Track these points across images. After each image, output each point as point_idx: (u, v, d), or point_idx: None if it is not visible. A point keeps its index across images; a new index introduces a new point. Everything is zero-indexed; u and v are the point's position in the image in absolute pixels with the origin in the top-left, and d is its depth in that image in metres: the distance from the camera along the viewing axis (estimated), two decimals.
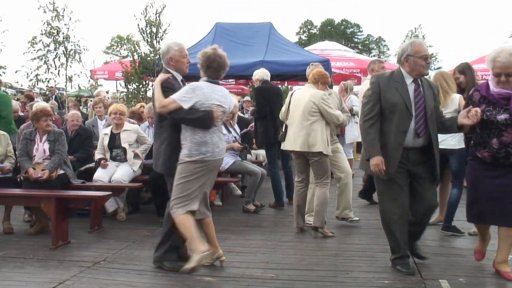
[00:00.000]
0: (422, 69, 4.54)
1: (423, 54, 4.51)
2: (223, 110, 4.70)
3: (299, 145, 6.03)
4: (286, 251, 5.47)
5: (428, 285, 4.37)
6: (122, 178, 6.84)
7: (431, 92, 4.62)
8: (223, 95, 4.77)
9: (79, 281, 4.54)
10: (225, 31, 14.00)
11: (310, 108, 6.01)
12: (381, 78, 4.69)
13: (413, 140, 4.55)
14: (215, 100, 4.62)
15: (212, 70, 4.73)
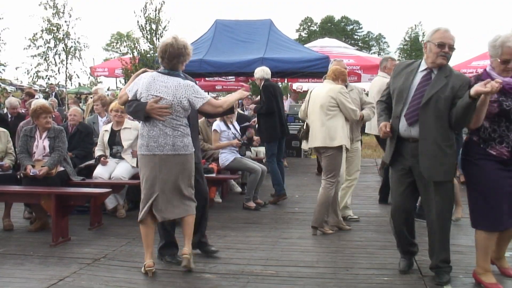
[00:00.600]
0: (435, 56, 4.19)
1: (439, 41, 4.17)
2: (165, 102, 4.47)
3: (320, 140, 5.96)
4: (286, 248, 5.47)
5: (427, 282, 4.37)
6: (122, 175, 6.84)
7: (444, 82, 4.16)
8: (167, 86, 4.51)
9: (79, 278, 4.54)
10: (225, 28, 13.98)
11: (328, 103, 5.94)
12: (399, 65, 4.62)
13: (407, 129, 4.31)
14: (154, 91, 4.48)
15: (165, 61, 4.57)
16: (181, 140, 4.56)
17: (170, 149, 4.51)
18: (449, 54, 4.23)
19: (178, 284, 4.39)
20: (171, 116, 4.52)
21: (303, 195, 8.59)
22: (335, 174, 5.95)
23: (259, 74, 8.12)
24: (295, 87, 25.59)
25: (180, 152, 4.54)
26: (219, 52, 12.82)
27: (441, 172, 4.24)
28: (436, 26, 4.35)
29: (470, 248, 5.22)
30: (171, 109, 4.49)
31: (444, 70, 4.25)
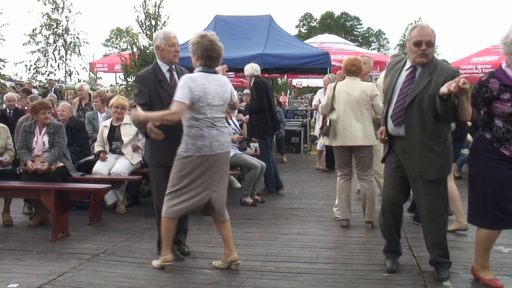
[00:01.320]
0: (413, 56, 4.17)
1: (415, 40, 4.14)
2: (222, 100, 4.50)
3: (360, 139, 5.97)
4: (285, 244, 5.48)
5: (427, 278, 4.38)
6: (121, 171, 6.84)
7: (427, 80, 4.13)
8: (220, 84, 4.52)
9: (79, 273, 4.55)
10: (224, 23, 13.98)
11: (364, 101, 6.02)
12: (390, 63, 4.63)
13: (395, 129, 4.33)
14: (212, 91, 4.40)
15: (210, 60, 4.49)
16: (227, 137, 4.70)
17: (227, 146, 4.62)
18: (427, 51, 4.15)
19: (178, 279, 4.40)
20: (223, 113, 4.60)
21: (302, 191, 8.60)
22: (371, 169, 6.23)
23: (249, 71, 8.16)
24: (294, 83, 25.60)
25: (227, 150, 4.66)
26: None
27: (430, 171, 4.22)
28: (414, 24, 4.35)
29: (469, 244, 5.24)
30: (223, 107, 4.55)
31: (429, 67, 4.19)
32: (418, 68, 4.24)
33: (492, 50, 14.81)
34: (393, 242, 4.69)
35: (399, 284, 4.27)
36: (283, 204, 7.56)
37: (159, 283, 4.32)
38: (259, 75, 8.23)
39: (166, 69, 4.89)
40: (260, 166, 7.54)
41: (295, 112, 14.58)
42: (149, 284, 4.31)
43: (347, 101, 6.05)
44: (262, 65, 12.58)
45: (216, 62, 4.56)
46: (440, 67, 4.18)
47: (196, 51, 4.50)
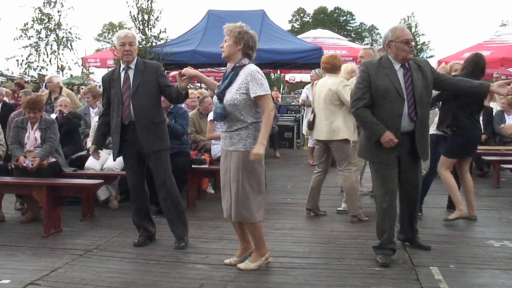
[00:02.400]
0: (405, 53, 4.50)
1: (404, 39, 4.49)
2: None
3: (324, 134, 6.23)
4: (278, 239, 5.49)
5: (419, 272, 4.40)
6: (114, 166, 6.81)
7: (419, 74, 4.55)
8: None
9: (71, 269, 4.54)
10: (217, 18, 13.91)
11: (331, 97, 6.18)
12: (370, 65, 4.66)
13: (408, 125, 4.56)
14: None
15: (255, 52, 4.72)
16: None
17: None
18: (413, 48, 4.60)
19: (171, 274, 4.40)
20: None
21: (295, 186, 8.61)
22: (349, 161, 6.24)
23: None
24: (287, 78, 25.60)
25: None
26: (211, 42, 12.76)
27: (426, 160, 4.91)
28: (392, 26, 4.68)
29: (460, 239, 5.30)
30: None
31: (411, 64, 4.60)
32: (406, 66, 4.58)
33: (484, 45, 14.86)
34: (389, 236, 4.71)
35: (391, 278, 4.29)
36: (276, 199, 7.57)
37: (151, 278, 4.31)
38: None
39: (122, 68, 5.05)
40: None
41: (288, 107, 14.57)
42: (141, 279, 4.31)
43: (319, 98, 6.33)
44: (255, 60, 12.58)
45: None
46: (417, 62, 4.66)
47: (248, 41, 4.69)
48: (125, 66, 5.05)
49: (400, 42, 4.48)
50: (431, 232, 5.69)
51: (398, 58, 4.54)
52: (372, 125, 4.59)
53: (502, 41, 15.06)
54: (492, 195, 7.70)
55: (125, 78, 5.02)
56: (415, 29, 66.06)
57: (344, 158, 6.20)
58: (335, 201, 6.98)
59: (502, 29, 20.30)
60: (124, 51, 4.97)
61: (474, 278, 4.29)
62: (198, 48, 12.28)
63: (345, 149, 6.21)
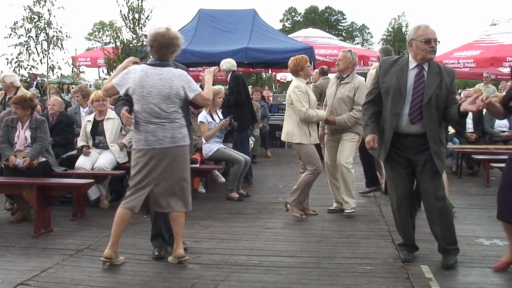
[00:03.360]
0: (424, 53, 4.35)
1: (424, 38, 4.34)
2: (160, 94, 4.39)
3: (284, 135, 6.40)
4: (269, 238, 5.49)
5: (409, 270, 4.43)
6: (104, 166, 6.80)
7: (438, 79, 4.36)
8: (162, 78, 4.41)
9: (62, 269, 4.52)
10: (208, 17, 13.93)
11: (288, 100, 6.28)
12: (384, 62, 4.66)
13: (408, 126, 4.44)
14: (148, 86, 4.37)
15: (153, 50, 4.44)
16: (180, 132, 4.49)
17: (170, 141, 4.44)
18: (435, 48, 4.39)
19: (162, 274, 4.39)
20: (168, 108, 4.43)
21: (286, 185, 8.61)
22: (311, 164, 6.19)
23: (226, 66, 8.31)
24: (279, 78, 25.62)
25: (179, 144, 4.48)
26: (202, 42, 12.78)
27: (441, 163, 4.46)
28: (416, 24, 4.54)
29: None
30: (164, 104, 4.39)
31: (434, 66, 4.42)
32: (424, 67, 4.42)
33: (474, 45, 14.96)
34: (410, 235, 4.77)
35: (382, 276, 4.31)
36: (268, 198, 7.57)
37: (143, 278, 4.30)
38: (235, 70, 8.42)
39: None
40: (244, 160, 7.54)
41: (279, 107, 14.58)
42: (133, 279, 4.29)
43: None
44: (246, 59, 12.62)
45: (159, 53, 4.45)
46: (443, 68, 4.46)
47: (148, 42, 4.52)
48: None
49: (421, 41, 4.34)
50: (422, 230, 5.70)
51: (417, 57, 4.41)
52: (364, 124, 4.70)
53: (492, 40, 15.17)
54: (482, 193, 7.75)
55: None
56: (406, 29, 66.41)
57: (305, 160, 6.27)
58: (326, 200, 7.00)
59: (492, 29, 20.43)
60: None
61: (464, 276, 4.31)
62: (189, 47, 12.26)
63: (302, 151, 6.23)
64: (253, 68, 19.26)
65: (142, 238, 5.37)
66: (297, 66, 6.27)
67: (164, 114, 4.42)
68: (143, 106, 4.42)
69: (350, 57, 6.33)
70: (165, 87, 4.40)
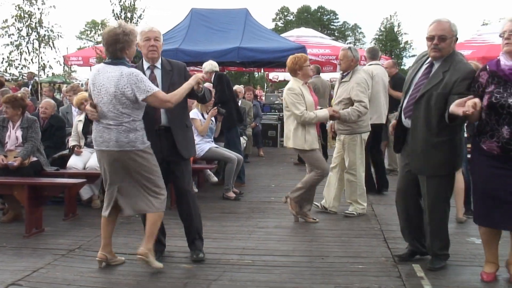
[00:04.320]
0: (428, 50, 4.28)
1: (428, 35, 4.24)
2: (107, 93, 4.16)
3: (284, 140, 6.16)
4: (262, 237, 5.50)
5: (401, 269, 4.45)
6: (96, 165, 6.73)
7: (439, 79, 4.14)
8: (109, 76, 4.16)
9: (54, 269, 4.50)
10: (201, 17, 13.90)
11: (284, 103, 6.08)
12: (418, 57, 4.67)
13: (405, 121, 4.42)
14: (98, 84, 4.20)
15: (105, 49, 4.29)
16: (126, 136, 4.18)
17: (114, 145, 4.20)
18: (440, 46, 4.17)
19: (154, 274, 4.38)
20: (115, 109, 4.18)
21: (279, 184, 8.62)
22: (316, 168, 5.95)
23: (208, 67, 8.40)
24: (271, 77, 25.64)
25: (124, 148, 4.19)
26: (195, 41, 12.76)
27: (428, 167, 4.27)
28: (434, 19, 4.34)
29: None
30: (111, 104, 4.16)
31: (445, 64, 4.21)
32: (435, 64, 4.28)
33: (465, 45, 15.00)
34: (406, 235, 4.75)
35: (374, 275, 4.32)
36: (260, 197, 7.58)
37: (135, 278, 4.29)
38: (218, 70, 8.52)
39: (147, 67, 4.62)
40: (237, 159, 7.54)
41: (271, 106, 14.60)
42: (125, 279, 4.29)
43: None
44: (238, 58, 12.61)
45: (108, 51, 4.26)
46: (455, 66, 4.17)
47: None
48: (151, 65, 4.61)
49: (426, 37, 4.27)
50: None
51: (429, 54, 4.33)
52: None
53: (483, 40, 15.24)
54: None
55: (152, 79, 4.50)
56: (398, 28, 66.66)
57: (311, 165, 6.03)
58: (318, 199, 7.00)
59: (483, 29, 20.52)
60: (150, 47, 4.49)
61: (455, 275, 4.33)
62: (181, 46, 12.24)
63: (304, 157, 6.10)
64: (245, 68, 19.22)
65: (134, 238, 5.36)
66: (295, 65, 5.99)
67: (111, 115, 4.19)
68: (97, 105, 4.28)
69: (350, 55, 6.22)
70: (111, 86, 4.16)
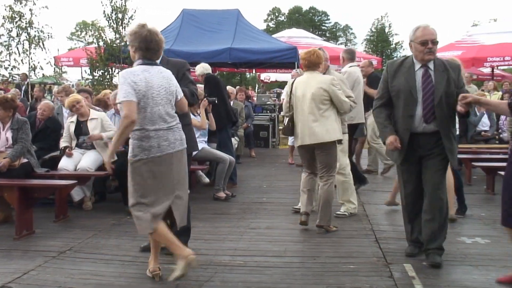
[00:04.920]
0: (422, 54, 4.42)
1: (421, 39, 4.41)
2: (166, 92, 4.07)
3: (318, 136, 5.59)
4: (254, 238, 5.50)
5: (393, 269, 4.46)
6: (88, 166, 6.73)
7: (445, 77, 4.42)
8: (165, 76, 4.12)
9: (44, 271, 4.47)
10: (192, 17, 13.90)
11: (321, 96, 5.60)
12: (390, 65, 4.72)
13: (421, 126, 4.51)
14: (156, 86, 4.01)
15: (150, 52, 4.10)
16: (183, 133, 4.25)
17: (180, 144, 4.16)
18: (433, 48, 4.43)
19: (146, 276, 4.36)
20: (172, 109, 4.16)
21: (271, 185, 8.63)
22: (334, 167, 5.81)
23: (200, 71, 8.47)
24: (262, 78, 25.67)
25: (185, 146, 4.25)
26: (186, 42, 12.75)
27: (454, 159, 4.58)
28: (416, 25, 4.57)
29: None
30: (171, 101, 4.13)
31: (439, 64, 4.48)
32: (429, 66, 4.48)
33: (455, 45, 15.12)
34: (411, 234, 4.81)
35: (365, 275, 4.33)
36: (252, 198, 7.58)
37: (126, 280, 4.28)
38: (209, 73, 8.60)
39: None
40: (229, 159, 7.54)
41: (263, 107, 14.59)
42: (116, 281, 4.27)
43: (304, 97, 5.69)
44: (230, 59, 12.61)
45: (157, 54, 4.18)
46: (448, 64, 4.51)
47: (133, 42, 4.12)
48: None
49: (417, 42, 4.43)
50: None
51: (417, 58, 4.50)
52: (381, 126, 4.74)
53: (473, 41, 15.36)
54: (464, 192, 7.80)
55: None
56: (389, 29, 66.90)
57: (332, 163, 5.75)
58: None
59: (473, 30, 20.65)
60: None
61: (447, 275, 4.35)
62: (172, 47, 12.22)
63: (335, 153, 5.79)
64: (237, 68, 19.25)
65: (125, 239, 5.34)
66: (315, 59, 5.73)
67: (169, 116, 4.12)
68: (151, 108, 4.01)
69: (324, 56, 6.11)
70: (170, 85, 4.14)
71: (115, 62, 13.21)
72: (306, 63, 5.79)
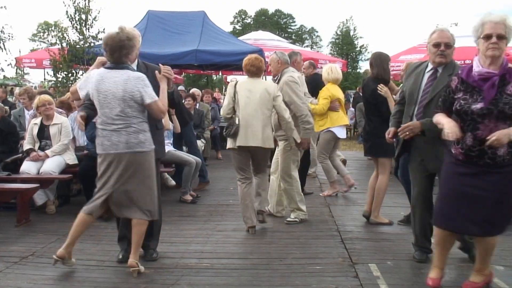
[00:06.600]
0: (434, 56, 4.50)
1: (434, 42, 4.48)
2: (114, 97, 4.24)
3: (259, 140, 5.67)
4: (220, 240, 5.49)
5: (358, 269, 4.52)
6: (51, 170, 6.61)
7: (446, 81, 4.21)
8: (116, 81, 4.25)
9: (5, 277, 4.37)
10: (158, 19, 13.78)
11: (266, 101, 5.67)
12: (410, 67, 4.86)
13: None
14: (103, 90, 4.25)
15: (108, 54, 4.33)
16: (135, 137, 4.30)
17: (124, 147, 4.27)
18: (446, 52, 4.46)
19: (112, 280, 4.32)
20: (124, 113, 4.27)
21: (237, 187, 8.60)
22: (265, 170, 6.13)
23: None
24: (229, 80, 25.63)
25: (134, 150, 4.29)
26: (152, 44, 12.62)
27: (435, 164, 4.42)
28: (435, 28, 4.68)
29: (396, 235, 5.46)
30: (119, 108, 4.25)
31: (448, 68, 4.48)
32: (439, 69, 4.53)
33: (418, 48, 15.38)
34: (418, 235, 4.78)
35: (331, 276, 4.38)
36: (218, 200, 7.56)
37: (91, 284, 4.21)
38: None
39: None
40: (195, 162, 7.51)
41: None
42: (81, 285, 4.20)
43: (249, 99, 5.69)
44: (196, 61, 12.57)
45: (113, 57, 4.32)
46: (457, 69, 4.37)
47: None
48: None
49: (432, 44, 4.50)
50: (370, 229, 5.85)
51: (431, 60, 4.57)
52: (391, 120, 4.98)
53: None
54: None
55: None
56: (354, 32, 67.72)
57: (264, 169, 6.09)
58: None
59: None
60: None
61: (412, 275, 4.43)
62: None
63: (267, 158, 6.16)
64: (203, 70, 19.18)
65: (90, 243, 5.25)
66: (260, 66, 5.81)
67: (119, 119, 4.28)
68: (100, 110, 4.34)
69: (276, 58, 6.20)
70: (119, 90, 4.24)
71: (79, 64, 12.99)
72: (253, 70, 5.80)
